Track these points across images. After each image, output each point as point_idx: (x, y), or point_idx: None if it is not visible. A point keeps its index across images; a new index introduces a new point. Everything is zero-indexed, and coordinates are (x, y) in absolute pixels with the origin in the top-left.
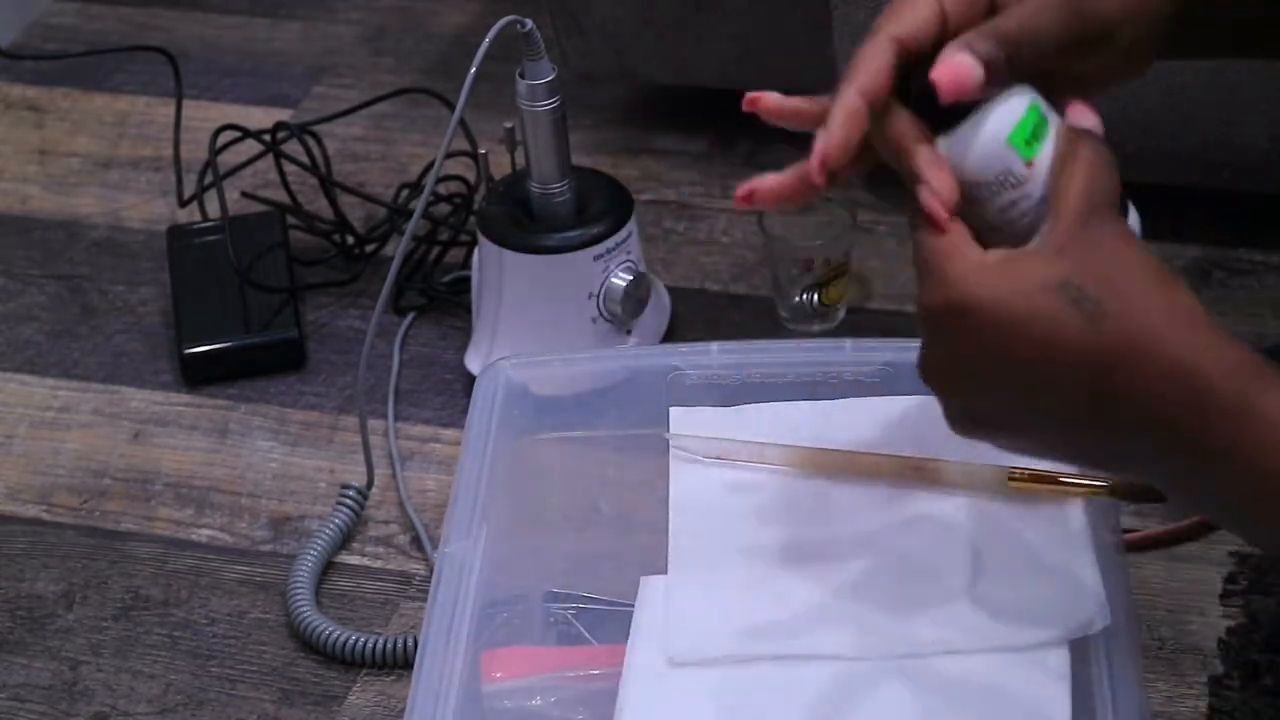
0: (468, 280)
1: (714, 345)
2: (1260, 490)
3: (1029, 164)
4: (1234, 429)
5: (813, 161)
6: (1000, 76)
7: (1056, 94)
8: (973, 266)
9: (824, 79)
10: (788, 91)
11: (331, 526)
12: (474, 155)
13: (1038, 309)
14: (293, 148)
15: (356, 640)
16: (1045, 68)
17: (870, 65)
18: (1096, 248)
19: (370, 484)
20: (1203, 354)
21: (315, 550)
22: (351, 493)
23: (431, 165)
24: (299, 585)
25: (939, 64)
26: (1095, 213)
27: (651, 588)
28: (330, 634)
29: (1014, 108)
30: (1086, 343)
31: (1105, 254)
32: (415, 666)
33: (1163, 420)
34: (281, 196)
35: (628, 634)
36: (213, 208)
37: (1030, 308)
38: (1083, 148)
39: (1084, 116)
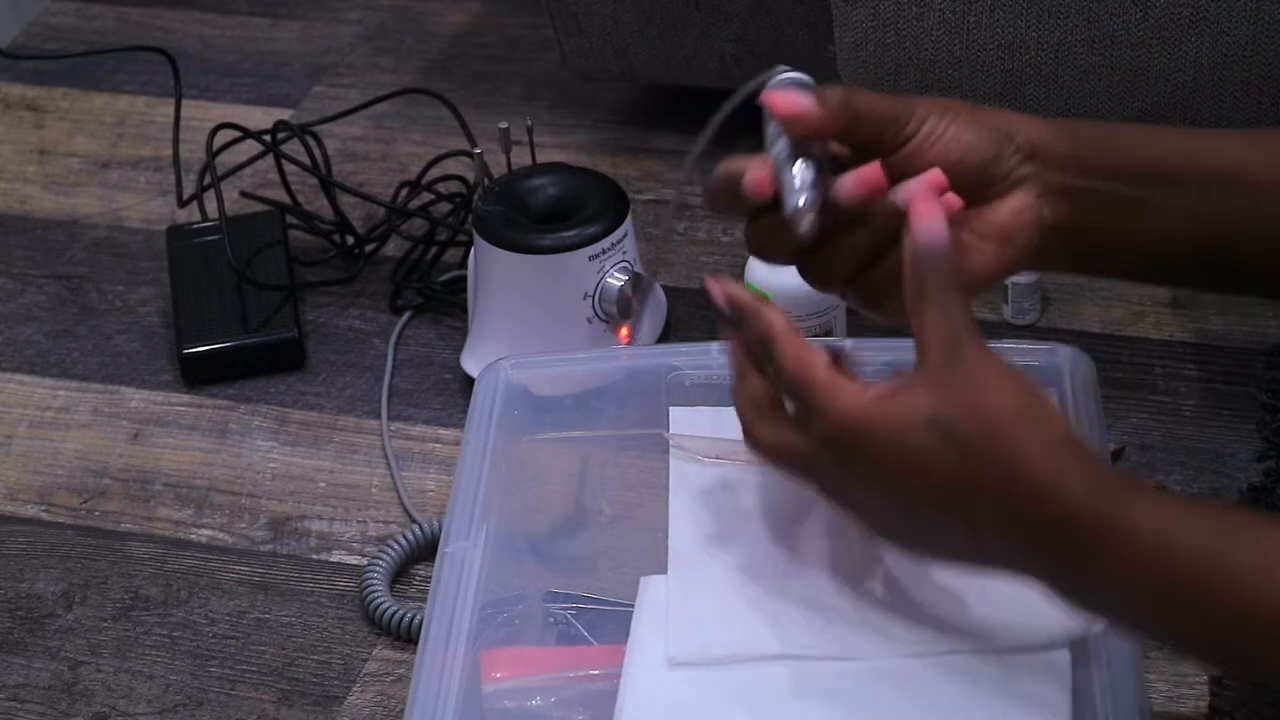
0: (464, 280)
1: (714, 345)
2: (1125, 600)
3: None
4: (1093, 546)
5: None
6: None
7: None
8: (855, 403)
9: (824, 79)
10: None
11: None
12: (471, 155)
13: (911, 444)
14: (292, 148)
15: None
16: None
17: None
18: (964, 380)
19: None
20: (1062, 478)
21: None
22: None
23: (431, 164)
24: (375, 577)
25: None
26: (957, 344)
27: (651, 588)
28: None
29: None
30: (956, 474)
31: (972, 386)
32: (415, 666)
33: (1027, 541)
34: (281, 196)
35: (628, 634)
36: (213, 208)
37: (905, 442)
38: (929, 283)
39: (928, 227)
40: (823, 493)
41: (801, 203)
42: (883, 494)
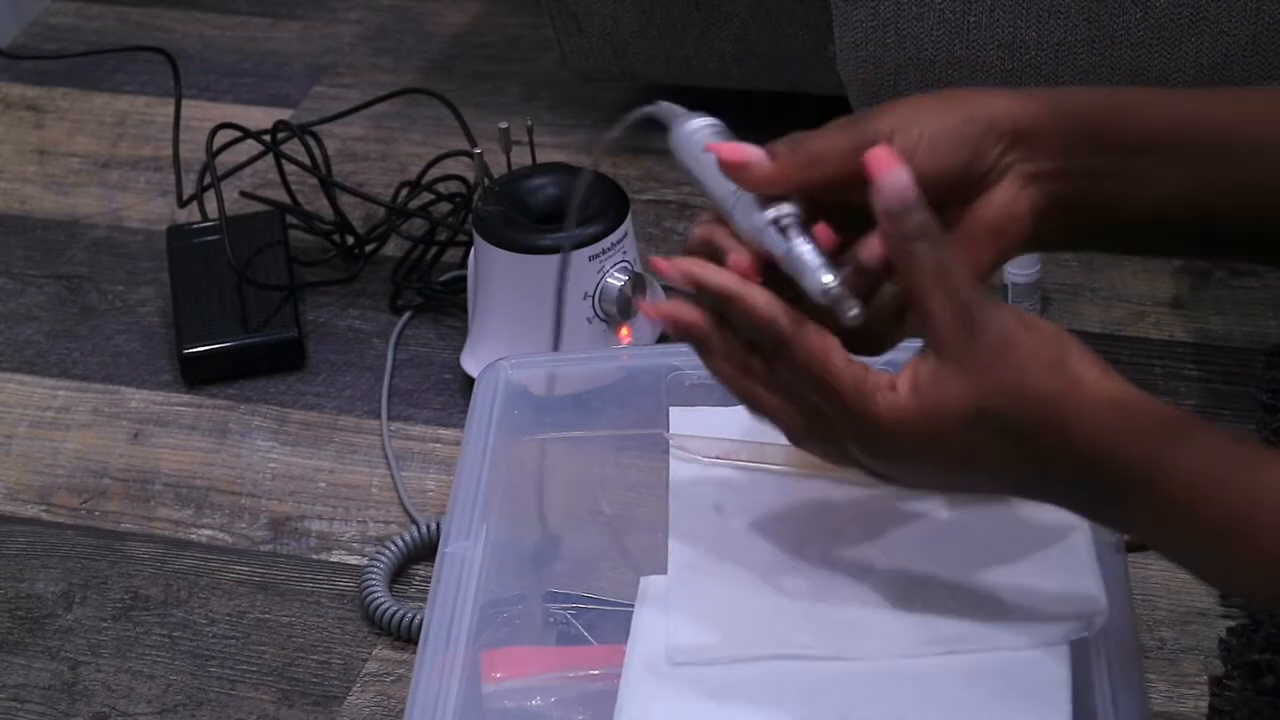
0: (464, 280)
1: None
2: (1185, 546)
3: None
4: (1145, 500)
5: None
6: None
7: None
8: (893, 410)
9: (824, 79)
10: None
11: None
12: (471, 155)
13: (959, 439)
14: (292, 148)
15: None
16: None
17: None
18: (994, 357)
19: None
20: (1115, 442)
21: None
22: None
23: (431, 164)
24: (374, 578)
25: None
26: (967, 311)
27: (651, 588)
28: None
29: None
30: (1008, 456)
31: (1006, 364)
32: (415, 666)
33: (1081, 497)
34: (281, 196)
35: (628, 634)
36: (212, 208)
37: (952, 437)
38: (915, 245)
39: (892, 181)
40: (830, 457)
41: (830, 281)
42: (922, 474)
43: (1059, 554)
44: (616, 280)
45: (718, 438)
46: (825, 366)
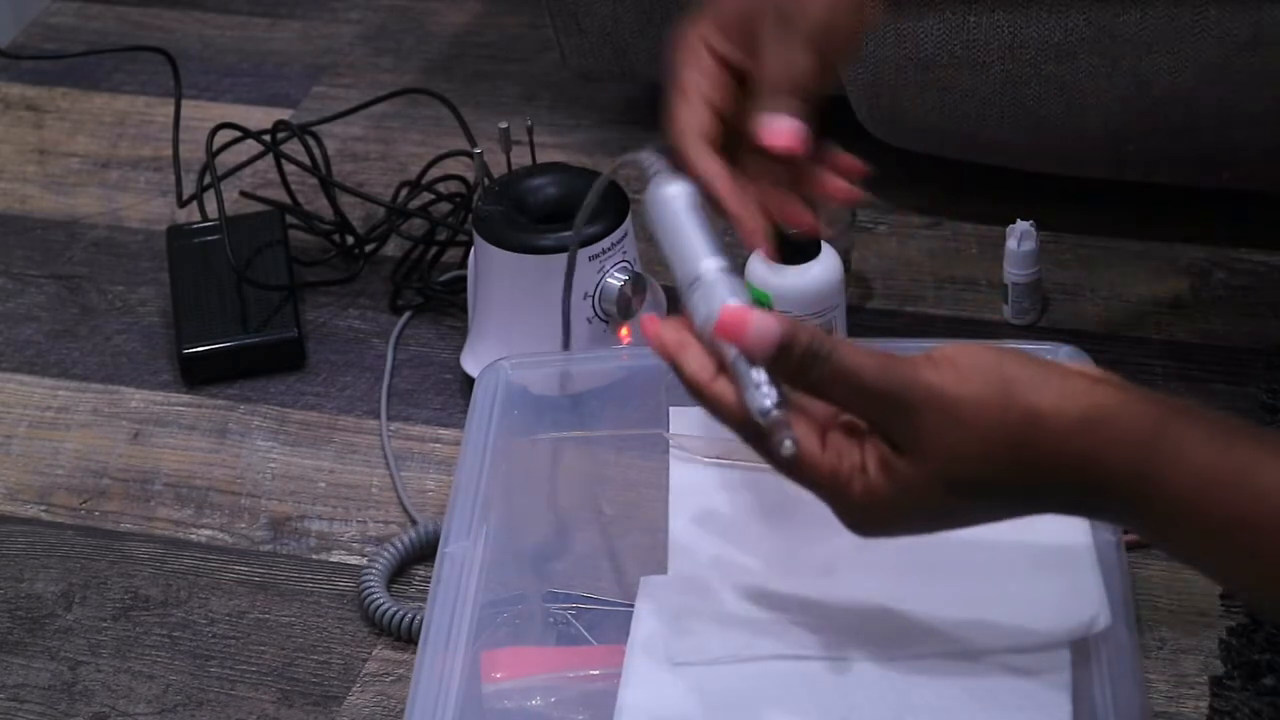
0: (464, 280)
1: None
2: (1180, 545)
3: None
4: (1139, 504)
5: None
6: None
7: None
8: (870, 499)
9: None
10: None
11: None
12: (471, 155)
13: (947, 505)
14: (292, 148)
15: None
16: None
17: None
18: (938, 430)
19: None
20: (1098, 458)
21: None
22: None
23: (431, 164)
24: (372, 578)
25: (769, 128)
26: (891, 403)
27: (651, 588)
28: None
29: None
30: (996, 503)
31: (947, 429)
32: (415, 666)
33: (1075, 510)
34: (281, 196)
35: (628, 634)
36: (212, 208)
37: (940, 505)
38: (814, 376)
39: (755, 335)
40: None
41: (769, 406)
42: (904, 534)
43: (1059, 554)
44: (616, 280)
45: (718, 438)
46: (797, 467)
